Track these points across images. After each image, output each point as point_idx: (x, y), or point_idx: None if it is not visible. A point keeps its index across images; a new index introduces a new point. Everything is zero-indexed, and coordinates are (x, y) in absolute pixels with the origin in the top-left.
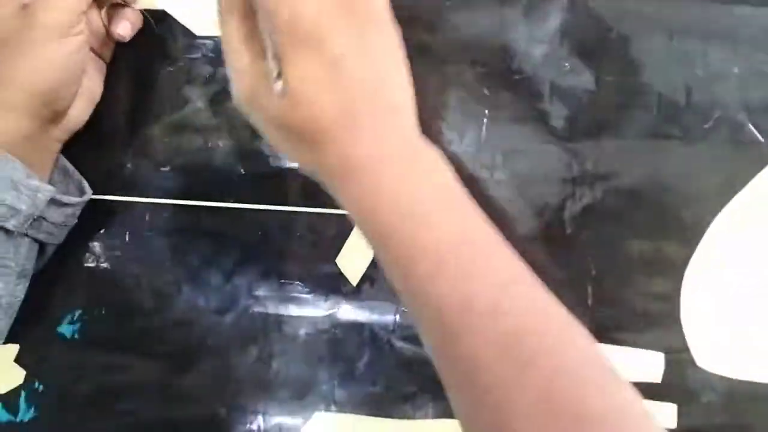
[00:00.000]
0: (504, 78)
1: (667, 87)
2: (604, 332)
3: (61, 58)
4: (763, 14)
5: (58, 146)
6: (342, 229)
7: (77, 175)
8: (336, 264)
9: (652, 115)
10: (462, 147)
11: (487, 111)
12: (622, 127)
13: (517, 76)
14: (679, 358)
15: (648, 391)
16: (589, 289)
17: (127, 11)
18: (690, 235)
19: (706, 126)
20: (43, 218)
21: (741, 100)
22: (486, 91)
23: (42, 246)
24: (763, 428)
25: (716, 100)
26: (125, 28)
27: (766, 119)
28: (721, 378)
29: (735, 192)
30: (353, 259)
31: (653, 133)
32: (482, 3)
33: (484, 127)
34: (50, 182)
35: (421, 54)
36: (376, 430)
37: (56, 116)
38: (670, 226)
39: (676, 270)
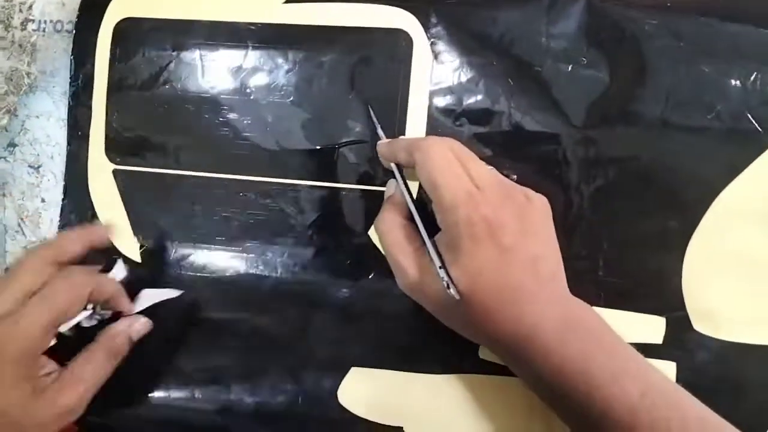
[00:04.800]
0: (527, 70)
1: (674, 82)
2: (612, 299)
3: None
4: (755, 32)
5: None
6: (373, 205)
7: None
8: (368, 236)
9: (660, 106)
10: (487, 131)
11: (511, 99)
12: (632, 116)
13: (538, 68)
14: (678, 321)
15: (650, 350)
16: (600, 261)
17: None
18: (693, 214)
19: (709, 116)
20: None
21: (741, 95)
22: (510, 81)
23: None
24: (753, 383)
25: (718, 95)
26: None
27: (764, 112)
28: (715, 340)
29: (735, 176)
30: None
31: (661, 122)
32: (508, 2)
33: (508, 115)
34: None
35: (453, 46)
36: (412, 385)
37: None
38: (675, 206)
39: (679, 245)
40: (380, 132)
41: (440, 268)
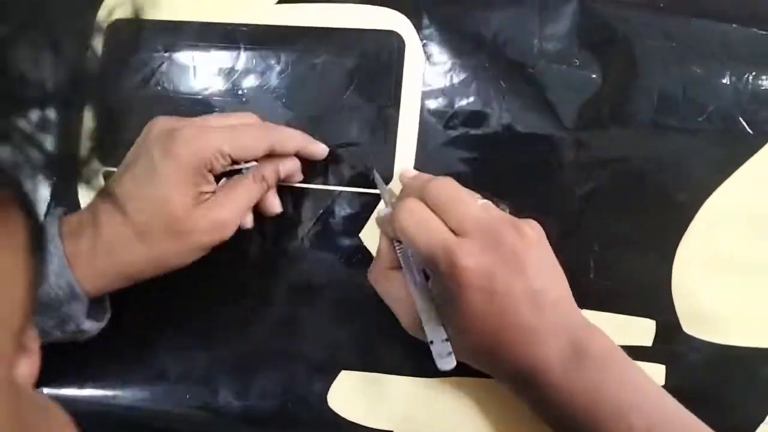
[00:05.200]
0: (519, 71)
1: (665, 83)
2: (603, 301)
3: (209, 246)
4: (747, 33)
5: None
6: (366, 207)
7: (107, 299)
8: (360, 238)
9: (652, 108)
10: (480, 133)
11: (503, 101)
12: (624, 117)
13: (530, 69)
14: (668, 324)
15: (640, 353)
16: (591, 263)
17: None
18: (684, 216)
19: (700, 118)
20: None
21: (733, 97)
22: (503, 83)
23: None
24: (742, 385)
25: (710, 96)
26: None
27: (755, 113)
28: (705, 342)
29: (726, 177)
30: (375, 234)
31: (653, 123)
32: (500, 3)
33: (500, 117)
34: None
35: (445, 47)
36: (402, 388)
37: None
38: (665, 208)
39: (669, 246)
40: (385, 197)
41: (431, 343)
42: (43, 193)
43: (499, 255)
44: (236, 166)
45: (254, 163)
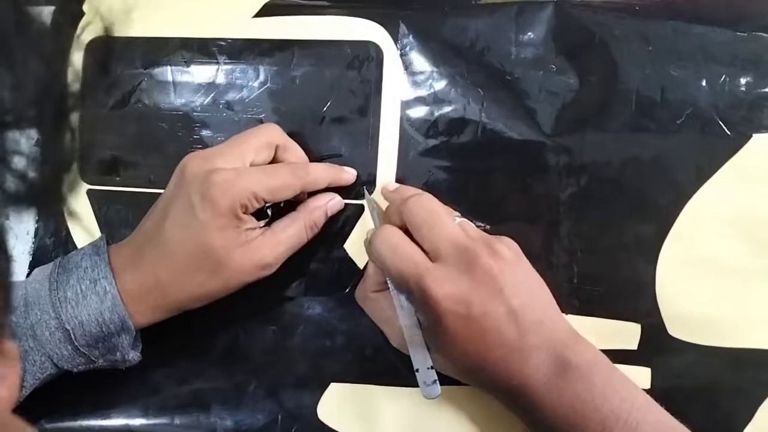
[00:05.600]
0: (497, 78)
1: (643, 86)
2: (587, 306)
3: (247, 282)
4: (723, 33)
5: None
6: (350, 218)
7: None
8: (345, 249)
9: (630, 111)
10: (459, 141)
11: (482, 109)
12: (603, 122)
13: (508, 78)
14: (653, 327)
15: (625, 357)
16: (575, 268)
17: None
18: (665, 219)
19: (678, 121)
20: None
21: (710, 99)
22: (481, 91)
23: None
24: (727, 387)
25: (688, 98)
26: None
27: (733, 115)
28: (690, 344)
29: (706, 180)
30: (361, 245)
31: (631, 127)
32: (477, 10)
33: (480, 125)
34: None
35: (423, 56)
36: (392, 399)
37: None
38: (647, 211)
39: (652, 250)
40: (375, 223)
41: (416, 371)
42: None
43: (473, 279)
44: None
45: None
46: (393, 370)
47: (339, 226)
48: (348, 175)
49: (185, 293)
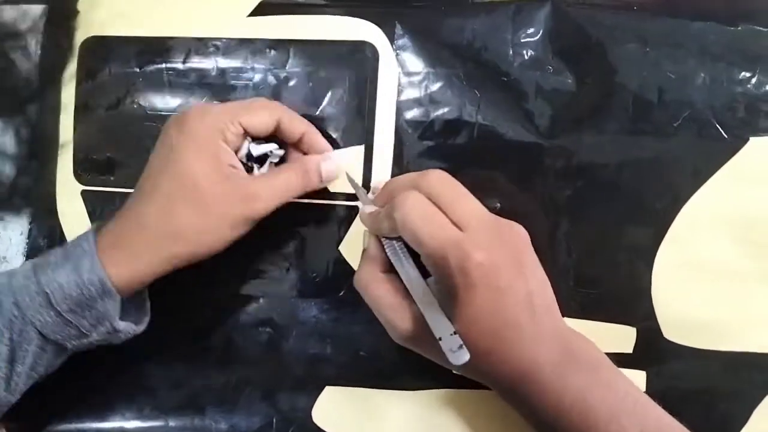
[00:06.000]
0: (494, 79)
1: (640, 88)
2: (583, 309)
3: (237, 235)
4: (722, 30)
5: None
6: (343, 219)
7: (146, 296)
8: (340, 251)
9: (627, 114)
10: (455, 143)
11: (478, 110)
12: (600, 123)
13: (504, 78)
14: (649, 331)
15: (621, 360)
16: (571, 271)
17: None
18: (661, 221)
19: (675, 123)
20: (99, 340)
21: (707, 101)
22: (477, 92)
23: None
24: (722, 391)
25: (685, 101)
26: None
27: (730, 118)
28: (686, 348)
29: (702, 183)
30: (355, 246)
31: (628, 129)
32: (473, 10)
33: (476, 126)
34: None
35: (419, 56)
36: (387, 402)
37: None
38: (643, 214)
39: (648, 253)
40: (362, 196)
41: (440, 340)
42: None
43: (504, 251)
44: (261, 148)
45: (281, 151)
46: (388, 373)
47: (333, 228)
48: (322, 142)
49: (169, 233)
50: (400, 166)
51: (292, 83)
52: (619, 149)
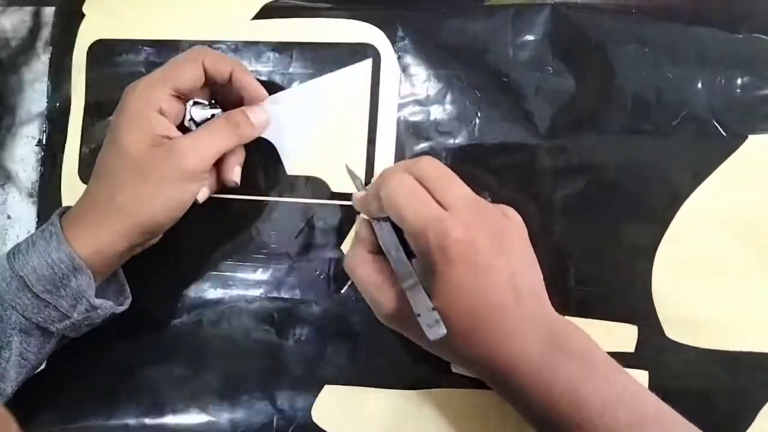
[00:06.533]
0: (494, 80)
1: (639, 88)
2: (584, 308)
3: (182, 199)
4: (720, 35)
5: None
6: (345, 219)
7: (124, 281)
8: (342, 250)
9: (626, 114)
10: (456, 143)
11: (478, 111)
12: (599, 124)
13: (505, 79)
14: (650, 329)
15: (622, 359)
16: (571, 270)
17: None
18: (661, 220)
19: (674, 123)
20: (81, 320)
21: (706, 100)
22: (477, 93)
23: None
24: (724, 390)
25: (683, 100)
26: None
27: (728, 117)
28: (687, 347)
29: (701, 181)
30: None
31: (628, 129)
32: (474, 13)
33: (476, 126)
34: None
35: (420, 58)
36: (386, 401)
37: (148, 240)
38: (643, 212)
39: (648, 251)
40: (358, 185)
41: (418, 316)
42: (21, 210)
43: (485, 230)
44: (204, 113)
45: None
46: (387, 373)
47: (335, 227)
48: (253, 82)
49: (117, 207)
50: None
51: (295, 85)
52: (619, 149)
